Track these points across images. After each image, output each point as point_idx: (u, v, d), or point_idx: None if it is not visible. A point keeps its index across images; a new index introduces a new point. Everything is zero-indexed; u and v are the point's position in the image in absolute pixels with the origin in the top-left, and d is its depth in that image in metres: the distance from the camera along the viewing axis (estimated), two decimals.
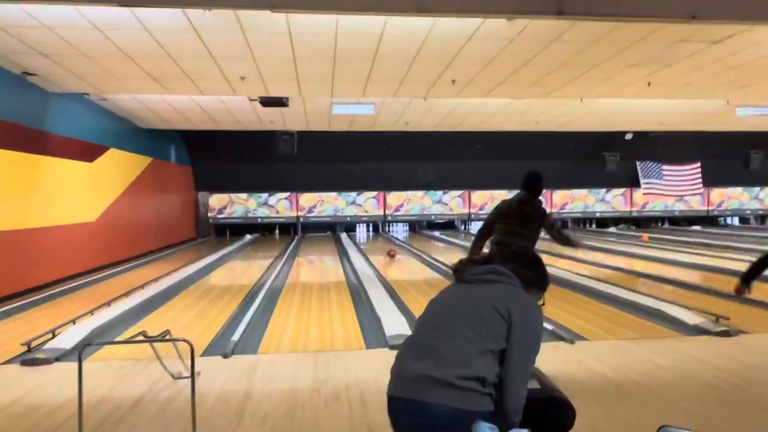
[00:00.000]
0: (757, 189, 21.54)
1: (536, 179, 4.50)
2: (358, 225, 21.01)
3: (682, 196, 21.10)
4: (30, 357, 4.85)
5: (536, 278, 2.14)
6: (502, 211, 4.46)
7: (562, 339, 5.37)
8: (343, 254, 13.74)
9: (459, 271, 2.22)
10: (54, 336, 5.54)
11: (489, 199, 20.74)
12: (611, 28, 6.30)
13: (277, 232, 20.37)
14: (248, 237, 19.30)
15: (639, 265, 11.35)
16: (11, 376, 4.50)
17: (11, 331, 6.06)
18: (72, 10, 5.52)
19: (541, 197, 4.65)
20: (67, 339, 5.37)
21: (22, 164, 8.32)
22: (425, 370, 1.85)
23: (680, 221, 21.93)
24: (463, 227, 21.77)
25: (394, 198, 20.65)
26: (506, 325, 1.89)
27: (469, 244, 15.14)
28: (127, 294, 8.05)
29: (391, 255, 13.26)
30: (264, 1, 3.70)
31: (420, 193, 20.75)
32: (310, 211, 20.27)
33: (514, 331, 1.89)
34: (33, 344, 5.17)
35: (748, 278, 3.44)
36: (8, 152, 7.91)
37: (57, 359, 4.84)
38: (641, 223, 21.93)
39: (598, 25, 6.02)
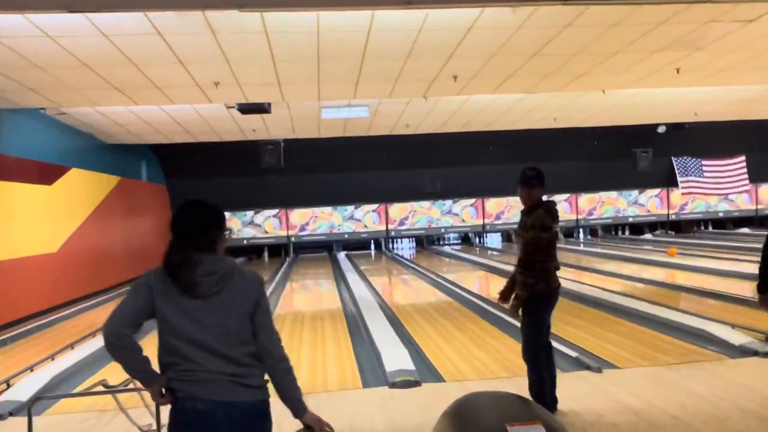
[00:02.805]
0: None
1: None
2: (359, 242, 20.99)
3: (727, 194, 21.06)
4: None
5: None
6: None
7: (588, 368, 5.33)
8: (341, 277, 13.74)
9: None
10: (9, 386, 5.53)
11: (506, 207, 20.73)
12: (631, 10, 6.30)
13: (266, 254, 20.40)
14: (239, 259, 19.29)
15: (679, 277, 11.32)
16: None
17: None
18: (19, 17, 5.57)
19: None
20: (24, 390, 5.33)
21: None
22: None
23: (726, 223, 21.88)
24: (477, 240, 21.71)
25: (398, 210, 20.66)
26: None
27: (484, 261, 15.05)
28: (93, 334, 8.01)
29: None
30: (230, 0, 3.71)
31: (427, 204, 20.76)
32: (303, 229, 20.32)
33: None
34: None
35: (765, 287, 3.44)
36: None
37: (11, 413, 4.79)
38: (681, 227, 21.86)
39: (612, 8, 6.05)
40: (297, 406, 2.10)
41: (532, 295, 4.12)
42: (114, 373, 5.44)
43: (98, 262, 12.71)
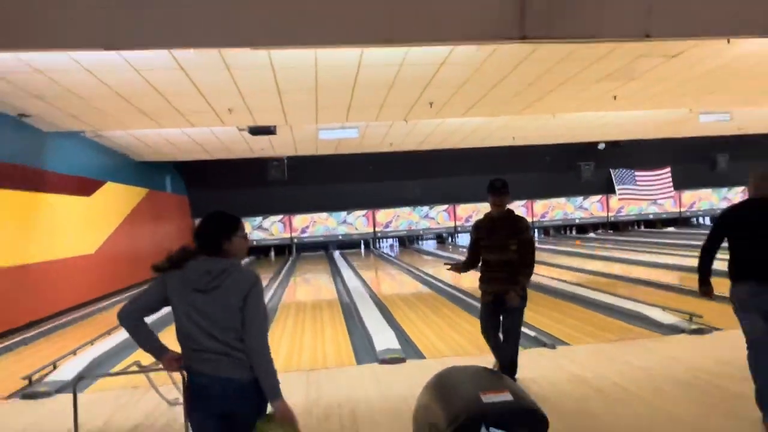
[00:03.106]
0: (725, 189, 21.76)
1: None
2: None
3: (655, 199, 21.31)
4: (30, 390, 4.75)
5: None
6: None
7: (544, 345, 5.36)
8: (336, 272, 13.69)
9: None
10: (55, 368, 5.44)
11: (473, 212, 20.77)
12: (574, 48, 6.36)
13: (272, 253, 20.23)
14: (245, 260, 19.15)
15: (617, 269, 11.42)
16: (13, 411, 4.41)
17: (13, 365, 5.96)
18: (62, 55, 5.53)
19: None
20: (68, 370, 5.27)
21: (20, 202, 8.23)
22: None
23: (655, 223, 22.08)
24: (450, 240, 21.77)
25: (383, 215, 20.65)
26: None
27: (456, 256, 14.97)
28: None
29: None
30: (244, 40, 3.70)
31: (407, 209, 20.76)
32: (303, 231, 20.20)
33: None
34: (34, 377, 5.08)
35: (704, 279, 3.44)
36: (6, 191, 7.84)
37: (57, 391, 4.73)
38: (619, 227, 22.04)
39: (560, 46, 6.11)
40: (270, 392, 2.07)
41: (525, 290, 4.00)
42: (146, 355, 5.41)
43: (129, 262, 12.54)
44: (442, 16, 3.70)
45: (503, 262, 3.88)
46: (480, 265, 4.12)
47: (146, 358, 4.26)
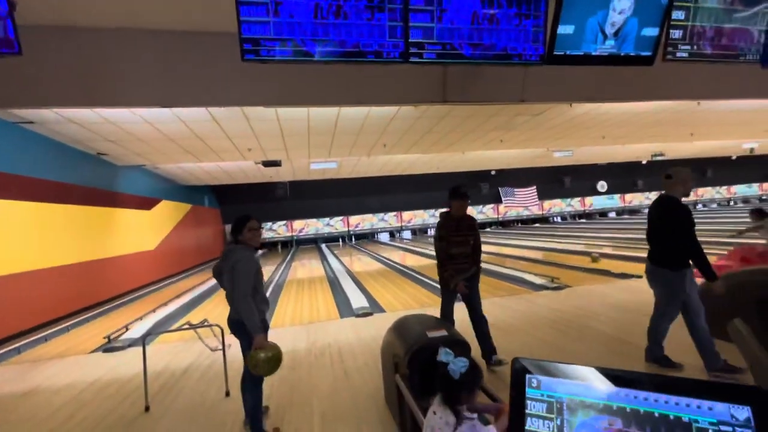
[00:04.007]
0: (569, 199, 22.81)
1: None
2: (337, 238, 20.66)
3: (527, 206, 22.01)
4: (110, 346, 4.50)
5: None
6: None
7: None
8: (324, 258, 13.48)
9: None
10: (127, 329, 5.13)
11: (412, 217, 21.00)
12: (475, 109, 6.56)
13: (279, 247, 19.70)
14: (259, 252, 18.60)
15: (505, 250, 11.69)
16: (97, 361, 4.12)
17: (97, 329, 5.57)
18: (128, 111, 5.25)
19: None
20: (137, 331, 5.01)
21: (101, 215, 7.76)
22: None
23: (527, 222, 22.77)
24: (398, 235, 21.83)
25: (354, 219, 20.49)
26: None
27: (402, 246, 14.79)
28: (178, 296, 7.60)
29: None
30: (259, 100, 3.61)
31: (370, 215, 20.68)
32: (301, 231, 19.78)
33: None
34: (112, 336, 4.78)
35: (712, 276, 2.58)
36: (91, 207, 7.36)
37: (129, 346, 4.49)
38: (505, 225, 22.65)
39: (468, 107, 6.27)
40: (251, 329, 2.18)
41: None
42: (193, 317, 5.16)
43: (178, 255, 11.99)
44: (393, 88, 3.75)
45: (466, 254, 3.21)
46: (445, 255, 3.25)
47: (195, 320, 4.08)
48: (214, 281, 9.66)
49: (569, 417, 0.65)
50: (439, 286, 3.32)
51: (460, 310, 3.31)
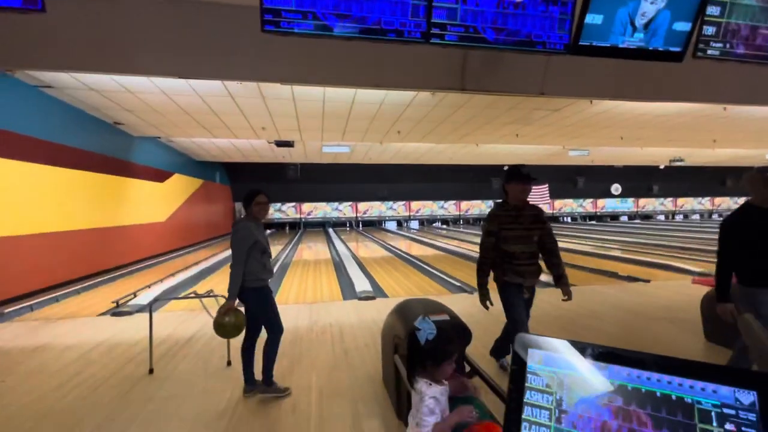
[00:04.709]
0: (581, 200, 22.50)
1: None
2: (344, 222, 20.77)
3: (538, 204, 21.73)
4: (118, 310, 4.60)
5: None
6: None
7: (465, 291, 5.42)
8: (330, 242, 13.57)
9: None
10: (135, 296, 5.26)
11: (421, 206, 20.95)
12: (493, 100, 6.45)
13: (287, 228, 19.86)
14: (268, 231, 18.80)
15: None
16: (105, 324, 4.23)
17: (106, 293, 5.72)
18: (146, 80, 5.27)
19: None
20: (144, 298, 5.11)
21: (115, 183, 7.89)
22: None
23: None
24: (406, 224, 21.84)
25: (363, 205, 20.52)
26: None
27: (409, 235, 14.75)
28: (186, 268, 7.73)
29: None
30: (276, 76, 3.59)
31: (378, 203, 20.69)
32: (309, 214, 19.89)
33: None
34: (120, 302, 4.90)
35: (724, 297, 2.18)
36: (105, 175, 7.49)
37: (137, 311, 4.60)
38: None
39: (486, 97, 6.17)
40: (228, 293, 2.35)
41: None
42: (199, 288, 5.27)
43: (188, 228, 12.18)
44: (412, 73, 3.69)
45: (530, 253, 2.47)
46: (496, 255, 2.51)
47: (200, 290, 4.16)
48: (222, 255, 9.91)
49: (569, 392, 0.65)
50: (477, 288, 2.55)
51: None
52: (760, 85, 4.31)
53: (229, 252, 12.46)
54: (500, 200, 2.61)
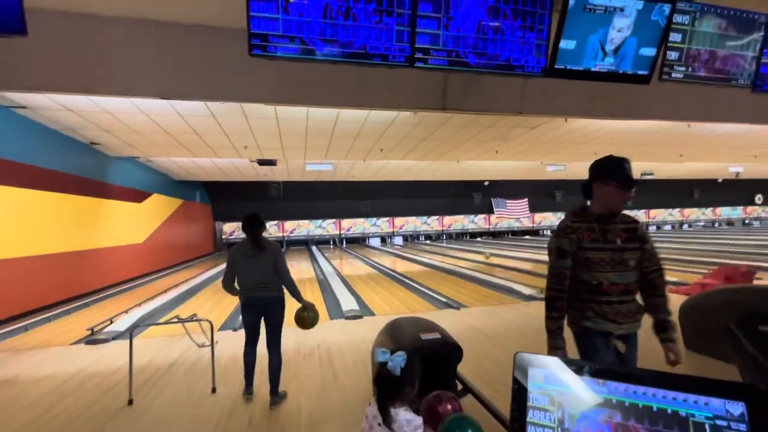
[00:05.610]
0: (560, 213, 23.04)
1: None
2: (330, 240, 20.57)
3: (518, 218, 22.21)
4: (93, 338, 4.38)
5: None
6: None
7: (451, 307, 5.44)
8: (314, 260, 13.40)
9: None
10: (111, 322, 5.02)
11: (405, 222, 21.02)
12: (473, 119, 6.63)
13: None
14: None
15: (495, 260, 11.77)
16: (79, 353, 4.02)
17: (81, 320, 5.44)
18: (125, 100, 5.18)
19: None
20: (122, 324, 4.90)
21: (91, 205, 7.60)
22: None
23: (518, 233, 22.96)
24: (389, 240, 21.82)
25: (346, 222, 20.43)
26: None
27: (393, 251, 14.62)
28: (165, 291, 7.47)
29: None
30: (258, 97, 3.60)
31: (362, 219, 20.65)
32: (292, 232, 19.64)
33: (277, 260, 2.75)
34: (96, 329, 4.67)
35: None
36: (80, 197, 7.22)
37: (113, 339, 4.40)
38: (496, 235, 22.80)
39: (466, 116, 6.34)
40: (299, 298, 2.78)
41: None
42: (181, 312, 5.07)
43: (167, 250, 11.80)
44: (394, 93, 3.78)
45: (627, 284, 1.65)
46: (575, 285, 1.72)
47: (183, 315, 4.00)
48: (202, 277, 9.64)
49: (570, 410, 0.67)
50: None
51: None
52: (720, 104, 4.62)
53: (208, 273, 11.90)
54: (578, 207, 1.72)
